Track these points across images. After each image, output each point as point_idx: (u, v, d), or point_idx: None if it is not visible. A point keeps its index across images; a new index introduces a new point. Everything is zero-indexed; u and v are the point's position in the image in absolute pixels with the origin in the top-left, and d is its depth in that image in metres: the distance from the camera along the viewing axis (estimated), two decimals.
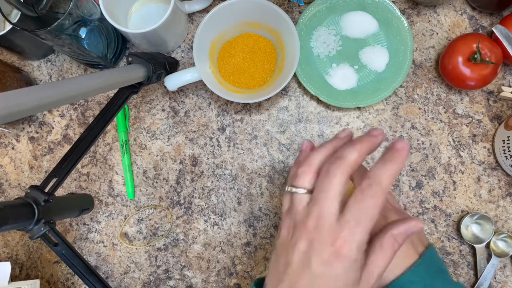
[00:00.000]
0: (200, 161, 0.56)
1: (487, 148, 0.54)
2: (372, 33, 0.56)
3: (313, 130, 0.56)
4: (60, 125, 0.58)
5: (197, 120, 0.57)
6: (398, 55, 0.54)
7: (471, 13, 0.57)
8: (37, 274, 0.56)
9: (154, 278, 0.55)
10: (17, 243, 0.57)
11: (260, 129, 0.57)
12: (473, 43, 0.50)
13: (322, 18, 0.56)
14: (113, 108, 0.47)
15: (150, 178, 0.57)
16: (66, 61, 0.60)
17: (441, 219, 0.54)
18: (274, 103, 0.57)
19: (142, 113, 0.58)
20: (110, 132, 0.58)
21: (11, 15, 0.51)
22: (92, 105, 0.58)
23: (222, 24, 0.53)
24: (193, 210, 0.56)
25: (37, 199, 0.41)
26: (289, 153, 0.56)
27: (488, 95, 0.55)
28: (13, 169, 0.58)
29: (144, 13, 0.57)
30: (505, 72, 0.55)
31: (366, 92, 0.55)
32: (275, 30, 0.53)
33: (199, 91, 0.58)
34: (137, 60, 0.47)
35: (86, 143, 0.45)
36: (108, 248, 0.56)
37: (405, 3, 0.57)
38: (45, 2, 0.47)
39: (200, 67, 0.51)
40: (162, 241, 0.56)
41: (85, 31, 0.49)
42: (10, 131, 0.59)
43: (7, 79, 0.54)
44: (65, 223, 0.57)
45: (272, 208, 0.55)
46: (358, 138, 0.31)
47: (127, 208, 0.56)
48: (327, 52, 0.56)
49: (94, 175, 0.57)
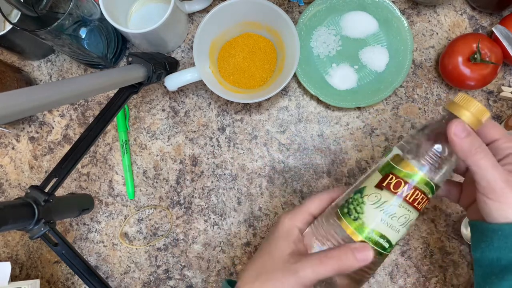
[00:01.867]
0: (200, 161, 0.56)
1: None
2: (372, 33, 0.56)
3: (313, 130, 0.56)
4: (60, 125, 0.58)
5: (197, 120, 0.57)
6: (398, 55, 0.54)
7: (471, 13, 0.57)
8: (37, 274, 0.56)
9: (154, 278, 0.55)
10: (17, 243, 0.57)
11: (260, 129, 0.57)
12: (473, 43, 0.50)
13: (322, 18, 0.56)
14: (113, 108, 0.47)
15: (150, 178, 0.57)
16: (66, 61, 0.60)
17: (441, 219, 0.54)
18: (274, 103, 0.57)
19: (142, 113, 0.58)
20: (110, 132, 0.58)
21: (11, 15, 0.51)
22: (92, 105, 0.58)
23: (222, 24, 0.53)
24: (193, 210, 0.56)
25: (37, 199, 0.41)
26: (289, 153, 0.56)
27: (488, 95, 0.55)
28: (13, 169, 0.58)
29: (144, 13, 0.57)
30: (505, 72, 0.55)
31: (366, 92, 0.55)
32: (275, 30, 0.53)
33: (199, 91, 0.58)
34: (137, 60, 0.47)
35: (86, 143, 0.45)
36: (108, 248, 0.56)
37: (405, 3, 0.57)
38: (45, 2, 0.47)
39: (200, 67, 0.51)
40: (162, 241, 0.56)
41: (85, 31, 0.49)
42: (10, 131, 0.59)
43: (7, 79, 0.54)
44: (65, 223, 0.57)
45: (272, 208, 0.55)
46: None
47: (127, 208, 0.56)
48: (327, 52, 0.56)
49: (94, 175, 0.57)
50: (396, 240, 0.34)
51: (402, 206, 0.33)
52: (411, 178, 0.33)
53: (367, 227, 0.34)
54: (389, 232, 0.34)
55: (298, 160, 0.56)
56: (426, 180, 0.33)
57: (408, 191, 0.33)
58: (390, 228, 0.34)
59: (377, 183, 0.34)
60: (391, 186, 0.33)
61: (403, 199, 0.33)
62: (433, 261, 0.53)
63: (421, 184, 0.33)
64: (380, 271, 0.53)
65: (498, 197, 0.32)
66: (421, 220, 0.53)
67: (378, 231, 0.33)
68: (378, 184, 0.34)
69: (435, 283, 0.52)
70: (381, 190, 0.34)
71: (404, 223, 0.34)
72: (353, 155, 0.55)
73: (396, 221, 0.34)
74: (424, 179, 0.33)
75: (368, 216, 0.34)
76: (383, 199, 0.34)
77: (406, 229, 0.35)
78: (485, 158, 0.32)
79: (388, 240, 0.34)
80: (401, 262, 0.53)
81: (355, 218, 0.34)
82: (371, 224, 0.34)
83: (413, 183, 0.33)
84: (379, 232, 0.33)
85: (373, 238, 0.33)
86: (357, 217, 0.34)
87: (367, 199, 0.34)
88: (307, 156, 0.56)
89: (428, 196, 0.34)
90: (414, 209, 0.34)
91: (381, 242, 0.34)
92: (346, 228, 0.34)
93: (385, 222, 0.33)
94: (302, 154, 0.56)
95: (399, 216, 0.33)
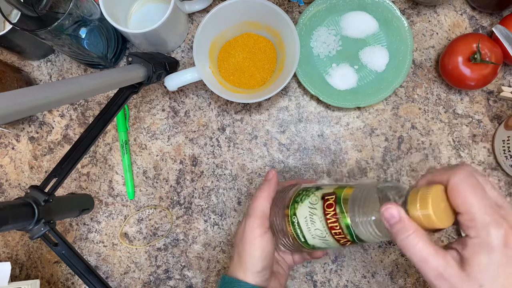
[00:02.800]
0: (200, 161, 0.56)
1: (487, 148, 0.54)
2: (372, 33, 0.56)
3: (313, 130, 0.56)
4: (60, 125, 0.58)
5: (197, 120, 0.57)
6: (398, 55, 0.54)
7: (471, 13, 0.57)
8: (37, 274, 0.56)
9: (154, 278, 0.55)
10: (17, 243, 0.57)
11: (260, 129, 0.57)
12: (473, 43, 0.50)
13: (322, 18, 0.56)
14: (113, 108, 0.47)
15: (150, 178, 0.57)
16: (66, 61, 0.60)
17: None
18: (274, 103, 0.57)
19: (142, 113, 0.58)
20: (110, 132, 0.58)
21: (11, 15, 0.51)
22: (92, 105, 0.58)
23: (222, 24, 0.53)
24: (193, 210, 0.56)
25: (37, 199, 0.41)
26: (289, 153, 0.56)
27: (488, 95, 0.55)
28: (13, 169, 0.58)
29: (144, 13, 0.57)
30: (505, 72, 0.55)
31: (366, 92, 0.55)
32: (275, 30, 0.53)
33: (199, 91, 0.58)
34: (137, 60, 0.47)
35: (86, 143, 0.45)
36: (108, 248, 0.56)
37: (405, 3, 0.57)
38: (45, 2, 0.47)
39: (200, 67, 0.51)
40: (162, 241, 0.56)
41: (85, 31, 0.49)
42: (10, 131, 0.59)
43: (7, 79, 0.54)
44: (65, 223, 0.57)
45: None
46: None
47: (127, 208, 0.56)
48: (327, 52, 0.56)
49: (94, 175, 0.57)
50: (311, 244, 0.39)
51: (322, 222, 0.37)
52: (341, 214, 0.36)
53: (296, 215, 0.39)
54: (305, 231, 0.39)
55: (298, 160, 0.56)
56: (348, 224, 0.35)
57: (331, 218, 0.36)
58: (308, 228, 0.38)
59: (325, 194, 0.38)
60: (326, 204, 0.37)
61: (324, 218, 0.37)
62: None
63: (343, 225, 0.36)
64: (380, 271, 0.53)
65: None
66: None
67: (300, 223, 0.39)
68: (324, 195, 0.38)
69: None
70: (322, 200, 0.38)
71: (319, 236, 0.38)
72: (353, 155, 0.55)
73: (312, 229, 0.38)
74: (348, 222, 0.35)
75: (301, 209, 0.39)
76: (316, 206, 0.38)
77: (320, 241, 0.38)
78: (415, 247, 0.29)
79: (304, 236, 0.39)
80: (401, 262, 0.53)
81: (296, 202, 0.40)
82: (299, 214, 0.39)
83: (338, 217, 0.36)
84: (300, 226, 0.39)
85: (294, 223, 0.39)
86: (297, 203, 0.40)
87: (312, 195, 0.39)
88: (307, 156, 0.56)
89: (346, 236, 0.36)
90: (330, 233, 0.37)
91: (298, 233, 0.39)
92: (287, 210, 0.40)
93: (305, 221, 0.38)
94: (302, 154, 0.56)
95: (316, 227, 0.38)
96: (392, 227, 0.30)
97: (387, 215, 0.30)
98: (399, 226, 0.30)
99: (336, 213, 0.36)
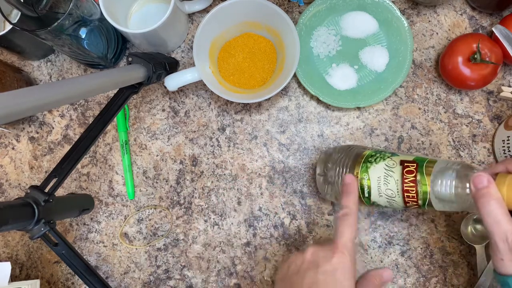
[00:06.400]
0: (200, 161, 0.56)
1: (487, 148, 0.54)
2: (372, 33, 0.56)
3: (313, 130, 0.56)
4: (60, 125, 0.58)
5: (197, 120, 0.57)
6: (398, 55, 0.54)
7: (471, 13, 0.57)
8: (37, 274, 0.56)
9: (154, 278, 0.55)
10: (17, 243, 0.57)
11: (260, 129, 0.57)
12: (473, 43, 0.50)
13: (322, 18, 0.56)
14: (113, 108, 0.47)
15: (150, 178, 0.57)
16: (66, 61, 0.60)
17: (441, 219, 0.54)
18: (274, 103, 0.57)
19: (142, 113, 0.58)
20: (110, 132, 0.58)
21: (11, 15, 0.51)
22: (92, 105, 0.58)
23: (222, 24, 0.53)
24: (193, 210, 0.56)
25: (37, 199, 0.41)
26: (289, 153, 0.56)
27: (488, 95, 0.55)
28: (13, 169, 0.58)
29: (144, 13, 0.57)
30: (505, 72, 0.55)
31: (366, 92, 0.55)
32: (275, 30, 0.53)
33: (199, 91, 0.58)
34: (137, 60, 0.47)
35: (86, 143, 0.45)
36: (108, 248, 0.56)
37: (405, 3, 0.57)
38: (45, 2, 0.47)
39: (200, 67, 0.51)
40: (162, 241, 0.56)
41: (85, 31, 0.49)
42: (10, 131, 0.59)
43: (7, 79, 0.54)
44: (65, 223, 0.57)
45: (272, 208, 0.55)
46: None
47: (127, 208, 0.56)
48: (327, 52, 0.56)
49: (94, 175, 0.57)
50: (374, 200, 0.43)
51: (397, 185, 0.41)
52: (421, 182, 0.40)
53: (367, 173, 0.43)
54: (374, 189, 0.43)
55: (298, 160, 0.56)
56: (427, 190, 0.40)
57: (409, 182, 0.41)
58: (378, 187, 0.42)
59: (403, 161, 0.42)
60: (406, 170, 0.41)
61: (402, 181, 0.41)
62: (433, 261, 0.53)
63: (421, 190, 0.40)
64: None
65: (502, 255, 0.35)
66: (421, 220, 0.53)
67: (370, 181, 0.43)
68: (403, 162, 0.42)
69: (435, 283, 0.52)
70: (400, 165, 0.42)
71: (388, 196, 0.42)
72: None
73: (383, 188, 0.42)
74: (427, 189, 0.40)
75: (375, 169, 0.43)
76: (394, 169, 0.42)
77: (385, 200, 0.43)
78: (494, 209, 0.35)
79: (369, 192, 0.43)
80: (401, 262, 0.53)
81: (370, 162, 0.43)
82: (371, 173, 0.43)
83: (418, 183, 0.40)
84: (370, 183, 0.43)
85: (363, 179, 0.43)
86: (371, 163, 0.43)
87: (389, 159, 0.43)
88: (307, 156, 0.56)
89: (418, 201, 0.41)
90: (401, 195, 0.41)
91: (365, 189, 0.43)
92: (357, 166, 0.44)
93: (377, 180, 0.42)
94: (302, 154, 0.56)
95: (388, 188, 0.42)
96: (478, 190, 0.36)
97: (477, 180, 0.36)
98: (485, 191, 0.35)
99: (415, 180, 0.40)
